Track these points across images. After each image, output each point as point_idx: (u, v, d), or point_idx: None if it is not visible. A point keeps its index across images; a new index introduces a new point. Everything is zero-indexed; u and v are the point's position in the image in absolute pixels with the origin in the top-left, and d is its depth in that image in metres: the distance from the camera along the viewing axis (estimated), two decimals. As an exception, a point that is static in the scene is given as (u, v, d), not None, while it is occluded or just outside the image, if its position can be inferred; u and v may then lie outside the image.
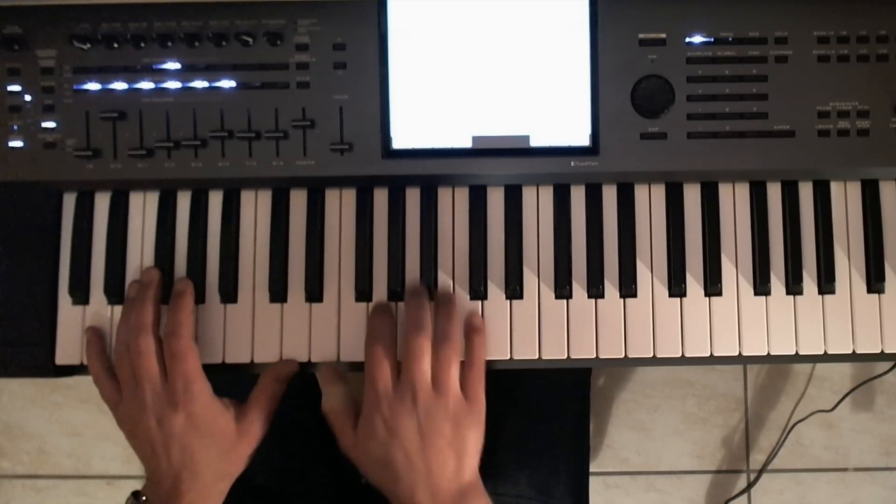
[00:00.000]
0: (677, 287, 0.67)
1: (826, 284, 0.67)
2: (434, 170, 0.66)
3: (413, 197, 0.68)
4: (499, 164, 0.65)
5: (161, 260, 0.68)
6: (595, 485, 1.26)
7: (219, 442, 0.63)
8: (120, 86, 0.65)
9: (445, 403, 0.61)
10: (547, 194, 0.68)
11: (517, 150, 0.65)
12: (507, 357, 0.67)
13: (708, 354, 0.66)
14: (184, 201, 0.68)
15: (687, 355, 0.67)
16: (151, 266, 0.67)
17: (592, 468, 1.23)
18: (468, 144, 0.66)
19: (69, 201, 0.68)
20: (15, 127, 0.65)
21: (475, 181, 0.68)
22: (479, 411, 0.63)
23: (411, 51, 0.65)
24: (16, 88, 0.65)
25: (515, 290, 0.67)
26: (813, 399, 1.31)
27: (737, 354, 0.66)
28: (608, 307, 0.67)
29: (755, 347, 0.66)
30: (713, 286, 0.67)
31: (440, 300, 0.66)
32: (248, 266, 0.68)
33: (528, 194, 0.68)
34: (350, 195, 0.68)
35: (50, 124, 0.65)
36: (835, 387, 1.31)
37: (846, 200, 0.68)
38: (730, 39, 0.65)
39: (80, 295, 0.67)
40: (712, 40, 0.65)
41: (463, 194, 0.68)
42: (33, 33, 0.65)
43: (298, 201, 0.68)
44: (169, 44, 0.65)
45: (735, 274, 0.67)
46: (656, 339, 0.67)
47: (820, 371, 1.32)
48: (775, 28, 0.65)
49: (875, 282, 0.67)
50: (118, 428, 0.65)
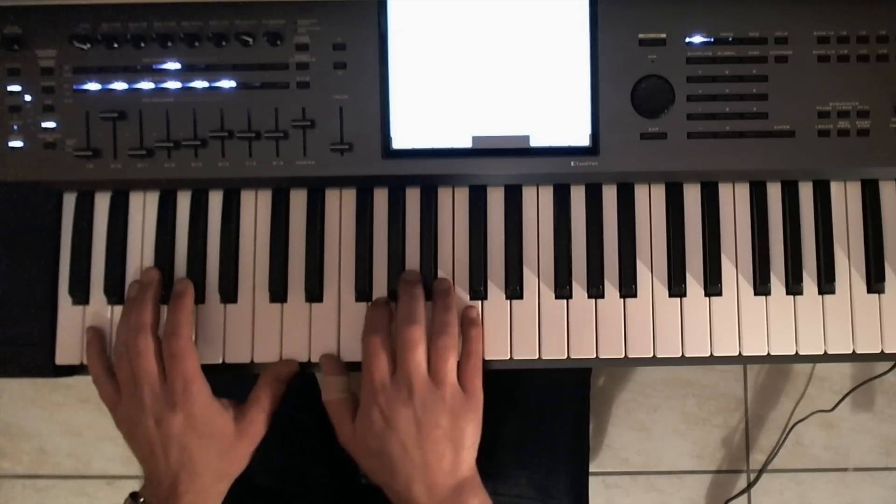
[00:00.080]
0: (677, 287, 0.67)
1: (826, 284, 0.67)
2: (434, 170, 0.66)
3: (413, 197, 0.68)
4: (499, 164, 0.65)
5: (161, 260, 0.68)
6: (595, 485, 1.27)
7: (218, 442, 0.63)
8: (120, 86, 0.65)
9: (442, 395, 0.61)
10: (547, 194, 0.68)
11: (517, 150, 0.65)
12: (507, 357, 0.67)
13: (708, 354, 0.66)
14: (184, 201, 0.68)
15: (687, 355, 0.66)
16: (151, 266, 0.67)
17: (592, 468, 1.24)
18: (468, 144, 0.66)
19: (69, 201, 0.68)
20: (15, 127, 0.65)
21: (475, 181, 0.68)
22: (477, 404, 0.63)
23: (411, 51, 0.65)
24: (16, 88, 0.65)
25: (515, 290, 0.67)
26: (813, 399, 1.31)
27: (737, 354, 0.66)
28: (608, 307, 0.67)
29: (755, 347, 0.66)
30: (713, 286, 0.67)
31: (437, 291, 0.66)
32: (248, 266, 0.68)
33: (528, 194, 0.68)
34: (350, 195, 0.68)
35: (50, 124, 0.65)
36: (835, 387, 1.31)
37: (846, 200, 0.68)
38: (730, 39, 0.65)
39: (80, 295, 0.67)
40: (712, 40, 0.65)
41: (463, 194, 0.68)
42: (33, 33, 0.65)
43: (298, 201, 0.68)
44: (169, 44, 0.65)
45: (735, 274, 0.67)
46: (656, 339, 0.67)
47: (820, 371, 1.32)
48: (775, 28, 0.65)
49: (875, 282, 0.67)
50: (117, 428, 0.65)
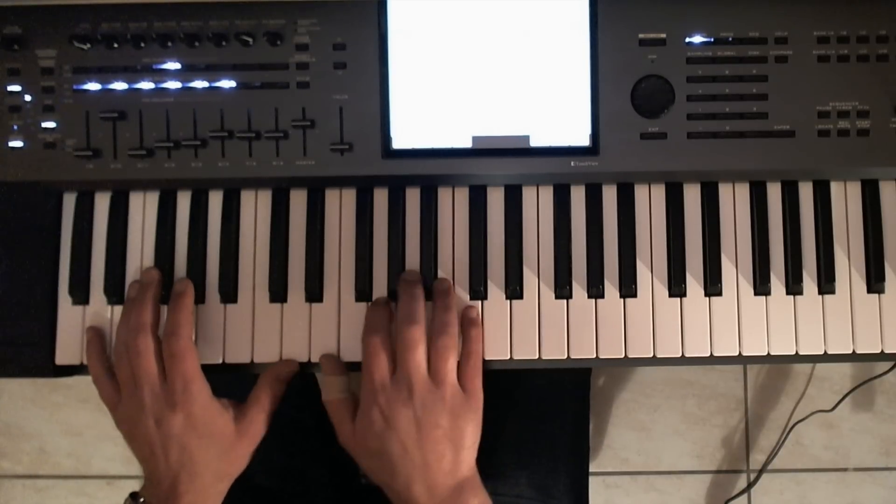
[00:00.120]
0: (677, 287, 0.67)
1: (826, 284, 0.67)
2: (434, 170, 0.66)
3: (413, 197, 0.68)
4: (499, 164, 0.65)
5: (161, 260, 0.68)
6: (595, 485, 1.27)
7: (218, 442, 0.63)
8: (120, 86, 0.65)
9: (442, 395, 0.61)
10: (547, 194, 0.68)
11: (517, 150, 0.65)
12: (508, 357, 0.67)
13: (708, 354, 0.66)
14: (184, 201, 0.68)
15: (687, 355, 0.66)
16: (152, 266, 0.67)
17: (592, 468, 1.24)
18: (468, 144, 0.66)
19: (69, 201, 0.68)
20: (15, 127, 0.65)
21: (475, 181, 0.68)
22: (477, 404, 0.63)
23: (411, 51, 0.65)
24: (16, 88, 0.65)
25: (515, 290, 0.67)
26: (813, 399, 1.31)
27: (737, 354, 0.66)
28: (608, 307, 0.67)
29: (755, 347, 0.66)
30: (713, 286, 0.67)
31: (437, 291, 0.66)
32: (248, 266, 0.68)
33: (528, 194, 0.68)
34: (350, 195, 0.68)
35: (50, 124, 0.65)
36: (835, 387, 1.31)
37: (846, 200, 0.68)
38: (730, 39, 0.65)
39: (80, 295, 0.67)
40: (712, 40, 0.65)
41: (463, 194, 0.68)
42: (33, 33, 0.65)
43: (298, 201, 0.68)
44: (169, 44, 0.65)
45: (735, 274, 0.67)
46: (656, 339, 0.67)
47: (820, 371, 1.32)
48: (775, 28, 0.65)
49: (875, 282, 0.67)
50: (117, 428, 0.65)
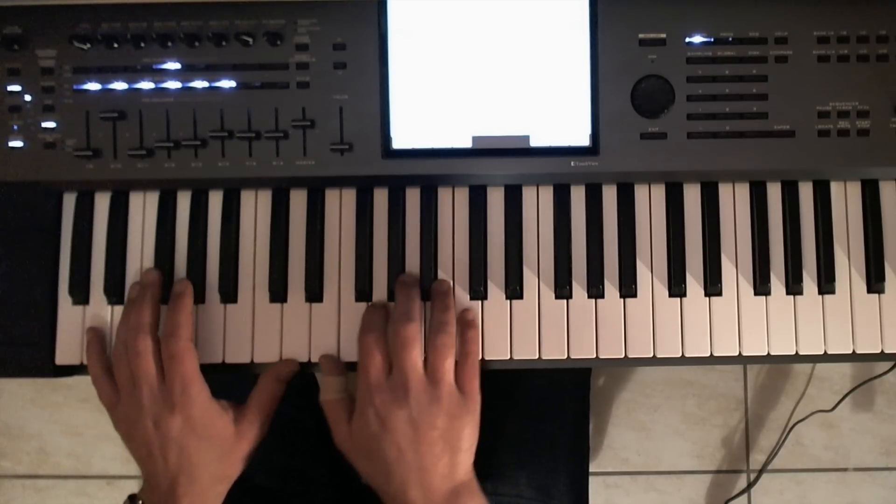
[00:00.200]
0: (677, 287, 0.67)
1: (826, 284, 0.67)
2: (434, 170, 0.66)
3: (413, 197, 0.68)
4: (499, 164, 0.65)
5: (161, 260, 0.68)
6: (595, 485, 1.26)
7: (217, 444, 0.63)
8: (120, 86, 0.65)
9: (439, 395, 0.60)
10: (547, 194, 0.68)
11: (517, 150, 0.65)
12: (508, 357, 0.67)
13: (708, 354, 0.66)
14: (184, 201, 0.68)
15: (687, 355, 0.66)
16: (152, 267, 0.67)
17: (592, 468, 1.24)
18: (468, 144, 0.66)
19: (69, 201, 0.68)
20: (15, 127, 0.65)
21: (475, 181, 0.68)
22: (474, 406, 0.62)
23: (411, 51, 0.65)
24: (16, 88, 0.65)
25: (515, 290, 0.67)
26: (813, 399, 1.31)
27: (737, 354, 0.66)
28: (608, 307, 0.67)
29: (755, 347, 0.66)
30: (713, 286, 0.67)
31: (436, 292, 0.66)
32: (248, 266, 0.68)
33: (528, 194, 0.68)
34: (350, 195, 0.68)
35: (50, 124, 0.65)
36: (835, 387, 1.31)
37: (846, 200, 0.68)
38: (730, 39, 0.65)
39: (80, 295, 0.67)
40: (712, 40, 0.65)
41: (463, 194, 0.68)
42: (33, 33, 0.65)
43: (298, 201, 0.68)
44: (169, 44, 0.65)
45: (735, 274, 0.67)
46: (656, 339, 0.67)
47: (820, 371, 1.32)
48: (775, 28, 0.65)
49: (875, 282, 0.67)
50: (115, 429, 0.65)
